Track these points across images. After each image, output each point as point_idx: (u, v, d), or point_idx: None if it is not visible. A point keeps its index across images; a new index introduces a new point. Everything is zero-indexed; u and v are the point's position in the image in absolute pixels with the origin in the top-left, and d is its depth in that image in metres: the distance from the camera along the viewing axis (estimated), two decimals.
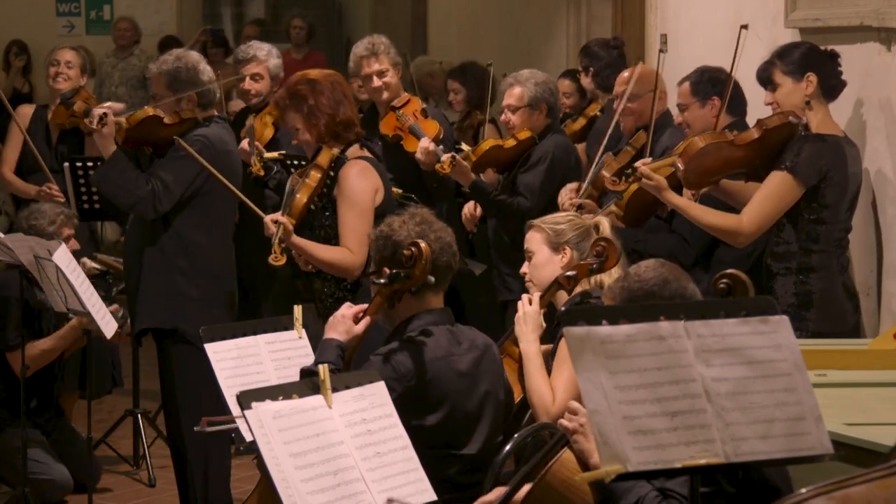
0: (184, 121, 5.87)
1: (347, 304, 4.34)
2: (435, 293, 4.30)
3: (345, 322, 4.24)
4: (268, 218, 5.39)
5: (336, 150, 5.43)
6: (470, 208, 7.01)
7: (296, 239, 5.34)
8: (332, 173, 5.44)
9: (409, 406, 4.00)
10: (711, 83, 5.92)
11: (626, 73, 6.47)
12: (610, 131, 6.38)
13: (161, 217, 5.84)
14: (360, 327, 4.23)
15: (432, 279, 4.17)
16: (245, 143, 6.78)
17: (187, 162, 5.77)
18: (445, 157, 6.63)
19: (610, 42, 7.69)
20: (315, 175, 5.43)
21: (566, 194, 6.27)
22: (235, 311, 6.10)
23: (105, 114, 5.82)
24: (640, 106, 6.32)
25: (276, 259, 5.36)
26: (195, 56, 6.08)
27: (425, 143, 6.84)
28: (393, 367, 4.11)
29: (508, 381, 4.53)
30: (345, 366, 4.18)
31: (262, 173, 6.86)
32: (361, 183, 5.34)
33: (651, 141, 6.19)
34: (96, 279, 6.45)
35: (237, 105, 7.97)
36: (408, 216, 4.35)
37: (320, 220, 5.46)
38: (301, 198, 5.41)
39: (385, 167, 5.84)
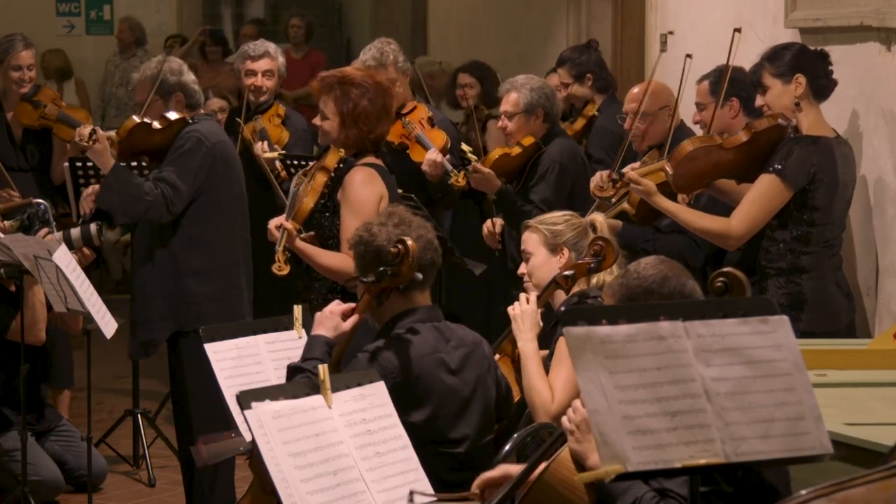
0: (173, 123, 5.88)
1: (336, 301, 4.36)
2: (421, 291, 4.32)
3: (333, 318, 4.25)
4: (272, 224, 5.34)
5: (343, 152, 5.41)
6: (489, 227, 6.79)
7: (300, 244, 5.30)
8: (334, 175, 5.42)
9: (395, 402, 4.01)
10: (731, 83, 5.77)
11: (635, 90, 6.25)
12: (623, 151, 6.07)
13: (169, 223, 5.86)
14: (348, 325, 4.25)
15: (420, 276, 4.19)
16: (258, 148, 6.79)
17: (188, 157, 5.79)
18: (459, 174, 6.60)
19: (587, 44, 7.62)
20: (321, 179, 5.40)
21: (596, 180, 6.04)
22: (249, 301, 6.07)
23: (94, 129, 5.82)
24: (650, 125, 6.10)
25: (280, 269, 5.31)
26: (177, 60, 6.13)
27: (432, 154, 6.82)
28: (379, 364, 4.12)
29: (504, 378, 4.52)
30: (332, 363, 4.18)
31: (286, 176, 6.82)
32: (365, 189, 5.24)
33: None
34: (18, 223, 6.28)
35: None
36: (385, 217, 4.35)
37: (320, 221, 5.45)
38: (308, 202, 5.38)
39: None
